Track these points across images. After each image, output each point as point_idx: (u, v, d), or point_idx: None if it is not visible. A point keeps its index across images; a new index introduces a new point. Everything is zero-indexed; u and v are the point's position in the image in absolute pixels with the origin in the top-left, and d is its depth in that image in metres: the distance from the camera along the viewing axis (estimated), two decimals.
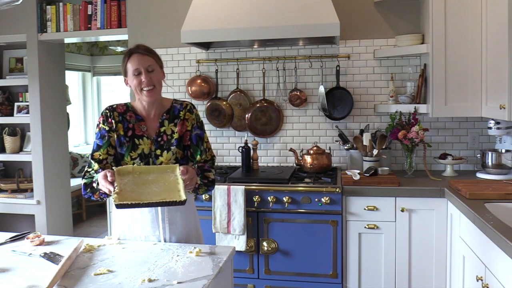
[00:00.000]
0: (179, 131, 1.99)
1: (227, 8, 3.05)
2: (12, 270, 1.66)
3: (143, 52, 1.94)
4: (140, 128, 1.98)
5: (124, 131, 1.97)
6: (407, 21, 3.29)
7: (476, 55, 2.87)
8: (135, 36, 3.66)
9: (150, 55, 1.95)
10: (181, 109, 2.03)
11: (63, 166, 4.33)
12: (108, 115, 1.98)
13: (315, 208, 2.84)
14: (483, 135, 3.27)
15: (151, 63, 1.94)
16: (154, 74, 1.94)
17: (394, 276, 2.82)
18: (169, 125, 2.00)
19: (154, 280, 1.52)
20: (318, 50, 3.43)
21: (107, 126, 1.97)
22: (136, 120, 1.99)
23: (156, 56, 1.99)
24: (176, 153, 1.98)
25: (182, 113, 2.02)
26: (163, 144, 1.97)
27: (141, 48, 1.95)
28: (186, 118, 2.02)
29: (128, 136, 1.97)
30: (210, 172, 2.02)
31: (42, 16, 3.89)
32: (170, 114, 2.02)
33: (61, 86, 4.33)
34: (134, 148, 1.95)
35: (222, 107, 3.52)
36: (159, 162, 1.95)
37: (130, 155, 1.95)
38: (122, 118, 1.98)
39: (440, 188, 2.73)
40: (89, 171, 1.96)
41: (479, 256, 2.11)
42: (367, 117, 3.40)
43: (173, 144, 1.97)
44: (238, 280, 2.90)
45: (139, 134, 1.97)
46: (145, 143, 1.96)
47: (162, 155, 1.96)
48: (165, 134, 1.99)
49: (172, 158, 1.97)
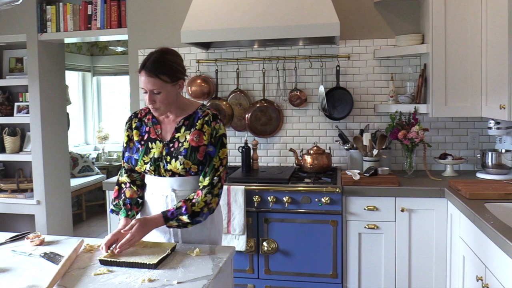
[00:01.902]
0: (190, 141, 1.86)
1: (227, 8, 3.05)
2: (12, 270, 1.65)
3: (149, 74, 1.80)
4: (155, 131, 1.94)
5: (140, 136, 1.96)
6: (407, 21, 3.29)
7: (476, 55, 2.87)
8: (135, 36, 3.67)
9: (156, 78, 1.80)
10: (200, 117, 1.90)
11: (63, 166, 4.33)
12: (127, 123, 2.03)
13: (315, 208, 2.84)
14: (483, 135, 3.27)
15: (157, 87, 1.81)
16: (160, 96, 1.83)
17: (394, 276, 2.82)
18: (184, 132, 1.89)
19: (154, 280, 1.52)
20: (318, 50, 3.43)
21: (127, 136, 2.01)
22: (152, 124, 1.96)
23: (166, 74, 1.82)
24: (185, 164, 1.85)
25: (199, 122, 1.89)
26: (173, 151, 1.88)
27: (148, 67, 1.81)
28: (204, 130, 1.88)
29: (144, 139, 1.95)
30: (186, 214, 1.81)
31: (42, 16, 3.89)
32: (189, 121, 1.91)
33: (61, 86, 4.33)
34: (147, 152, 1.92)
35: (222, 107, 3.52)
36: (169, 168, 1.87)
37: (143, 159, 1.92)
38: (141, 123, 1.99)
39: (440, 188, 2.73)
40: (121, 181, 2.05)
41: (479, 256, 2.11)
42: (367, 117, 3.40)
43: (182, 153, 1.86)
44: (238, 280, 2.90)
45: (153, 138, 1.93)
46: (157, 147, 1.91)
47: (171, 162, 1.87)
48: (178, 141, 1.89)
49: (180, 168, 1.85)
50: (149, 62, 1.82)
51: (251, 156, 3.33)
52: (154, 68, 1.80)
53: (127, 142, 2.00)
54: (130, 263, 1.64)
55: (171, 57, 1.87)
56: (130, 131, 1.99)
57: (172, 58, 1.87)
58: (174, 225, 1.84)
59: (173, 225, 1.84)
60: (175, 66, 1.86)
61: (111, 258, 1.67)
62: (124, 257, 1.71)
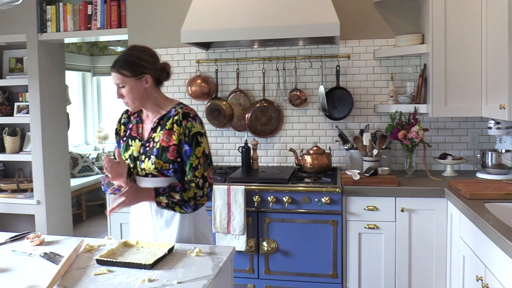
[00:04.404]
0: (161, 141, 1.88)
1: (227, 8, 3.05)
2: (12, 270, 1.66)
3: (112, 69, 1.88)
4: (137, 129, 1.99)
5: (125, 132, 2.03)
6: (407, 21, 3.29)
7: (476, 55, 2.87)
8: (135, 36, 3.66)
9: (115, 71, 1.87)
10: (170, 117, 1.90)
11: (63, 166, 4.33)
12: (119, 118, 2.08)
13: (315, 208, 2.84)
14: (483, 135, 3.27)
15: (120, 81, 1.87)
16: (125, 90, 1.88)
17: (394, 276, 2.82)
18: (159, 132, 1.91)
19: (154, 280, 1.52)
20: (318, 50, 3.43)
21: (115, 130, 2.08)
22: (136, 122, 2.01)
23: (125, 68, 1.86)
24: (156, 164, 1.86)
25: (169, 122, 1.89)
26: (147, 151, 1.90)
27: (114, 63, 1.88)
28: (174, 130, 1.87)
29: (126, 136, 2.01)
30: (179, 192, 1.82)
31: (42, 16, 3.89)
32: (163, 120, 1.92)
33: (61, 86, 4.33)
34: (127, 148, 1.97)
35: (222, 107, 3.52)
36: (143, 167, 1.90)
37: (124, 155, 1.97)
38: (129, 119, 2.05)
39: (440, 188, 2.73)
40: None
41: (479, 256, 2.11)
42: (367, 117, 3.40)
43: (154, 153, 1.88)
44: (238, 280, 2.90)
45: (134, 136, 1.98)
46: (135, 145, 1.95)
47: (144, 161, 1.90)
48: (153, 140, 1.91)
49: (151, 167, 1.87)
50: (117, 59, 1.90)
51: (251, 156, 3.33)
52: (116, 64, 1.88)
53: (116, 135, 2.08)
54: (126, 263, 1.65)
55: (136, 52, 1.90)
56: (119, 126, 2.07)
57: (136, 54, 1.89)
58: (164, 202, 1.82)
59: (162, 202, 1.82)
60: (137, 61, 1.87)
61: (108, 258, 1.68)
62: (121, 257, 1.72)
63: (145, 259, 1.69)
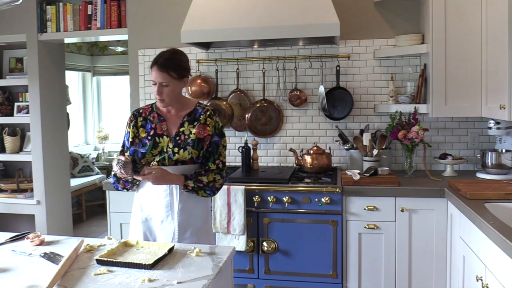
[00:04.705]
0: (197, 133, 2.13)
1: (227, 8, 3.05)
2: (12, 270, 1.66)
3: (160, 68, 2.07)
4: (161, 127, 2.15)
5: (147, 133, 2.16)
6: (407, 21, 3.29)
7: (476, 55, 2.87)
8: (135, 36, 3.67)
9: (165, 72, 2.06)
10: (202, 113, 2.17)
11: (63, 166, 4.33)
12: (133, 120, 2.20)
13: (315, 208, 2.84)
14: (483, 135, 3.27)
15: (165, 80, 2.07)
16: (167, 88, 2.09)
17: (394, 276, 2.82)
18: (188, 126, 2.15)
19: (154, 280, 1.53)
20: (318, 50, 3.43)
21: (133, 132, 2.18)
22: (158, 121, 2.17)
23: (174, 70, 2.08)
24: (192, 153, 2.11)
25: (203, 117, 2.16)
26: (180, 143, 2.12)
27: (159, 62, 2.07)
28: (207, 123, 2.16)
29: (150, 135, 2.15)
30: (205, 176, 2.11)
31: (42, 16, 3.89)
32: (191, 116, 2.17)
33: (61, 86, 4.33)
34: (155, 146, 2.13)
35: (222, 107, 3.52)
36: (176, 158, 2.10)
37: (151, 152, 2.12)
38: (146, 121, 2.19)
39: (440, 188, 2.73)
40: None
41: (479, 256, 2.11)
42: (367, 117, 3.40)
43: (190, 144, 2.11)
44: (238, 280, 2.90)
45: (159, 133, 2.14)
46: (164, 141, 2.13)
47: (179, 152, 2.11)
48: (184, 134, 2.13)
49: (187, 157, 2.11)
50: (161, 59, 2.09)
51: (251, 156, 3.33)
52: (165, 64, 2.08)
53: (133, 138, 2.17)
54: (126, 263, 1.65)
55: (180, 56, 2.15)
56: (136, 129, 2.19)
57: (181, 58, 2.15)
58: (190, 186, 2.07)
59: (189, 185, 2.07)
60: (182, 65, 2.14)
61: (108, 258, 1.68)
62: (121, 257, 1.72)
63: (145, 259, 1.69)
